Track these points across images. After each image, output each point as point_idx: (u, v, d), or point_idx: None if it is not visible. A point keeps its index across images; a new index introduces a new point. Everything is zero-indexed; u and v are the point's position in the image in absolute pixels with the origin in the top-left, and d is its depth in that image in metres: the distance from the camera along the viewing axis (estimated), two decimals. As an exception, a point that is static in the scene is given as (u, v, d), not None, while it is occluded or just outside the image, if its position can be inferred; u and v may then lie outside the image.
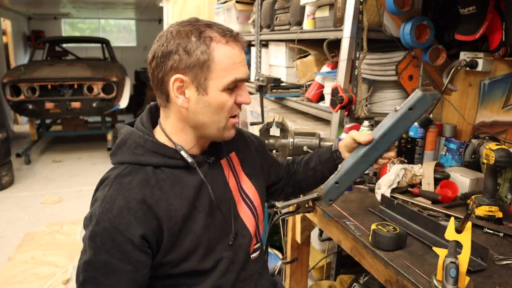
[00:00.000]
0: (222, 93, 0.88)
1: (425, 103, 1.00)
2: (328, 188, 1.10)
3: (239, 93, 0.91)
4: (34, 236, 3.28)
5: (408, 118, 1.01)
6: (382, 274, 1.13)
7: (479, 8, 1.50)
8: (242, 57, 0.89)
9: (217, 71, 0.86)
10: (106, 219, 0.83)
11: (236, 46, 0.87)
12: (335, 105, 1.78)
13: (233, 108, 0.92)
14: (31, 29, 9.40)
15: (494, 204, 1.27)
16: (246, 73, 0.90)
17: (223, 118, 0.92)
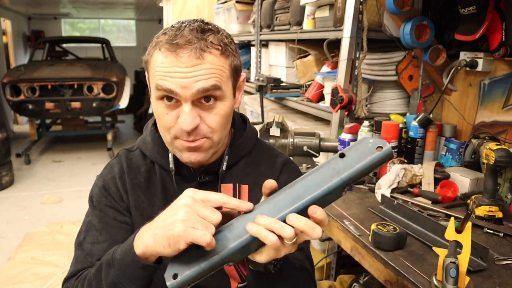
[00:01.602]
0: (157, 102, 0.79)
1: (364, 151, 0.62)
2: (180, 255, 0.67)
3: (180, 113, 0.76)
4: (34, 236, 3.28)
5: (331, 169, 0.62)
6: (382, 274, 1.13)
7: (479, 8, 1.50)
8: (177, 68, 0.74)
9: (150, 76, 0.80)
10: (101, 181, 0.93)
11: (170, 55, 0.74)
12: (335, 105, 1.78)
13: (175, 128, 0.78)
14: (31, 29, 9.40)
15: (494, 204, 1.27)
16: (173, 84, 0.74)
17: (166, 134, 0.81)
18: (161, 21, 8.03)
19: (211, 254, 0.64)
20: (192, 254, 0.65)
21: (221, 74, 0.77)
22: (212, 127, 0.79)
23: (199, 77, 0.74)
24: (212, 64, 0.75)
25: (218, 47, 0.77)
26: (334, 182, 0.61)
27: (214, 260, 0.64)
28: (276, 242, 0.61)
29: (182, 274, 0.64)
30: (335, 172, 0.62)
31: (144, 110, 6.80)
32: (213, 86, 0.75)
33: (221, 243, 0.64)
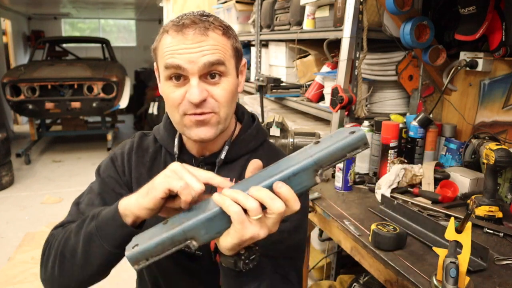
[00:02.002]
0: (165, 83, 0.83)
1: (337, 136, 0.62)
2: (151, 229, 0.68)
3: (188, 88, 0.80)
4: (34, 236, 3.28)
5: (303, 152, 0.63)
6: (382, 274, 1.13)
7: (479, 8, 1.50)
8: (183, 45, 0.78)
9: (159, 59, 0.84)
10: (111, 154, 1.00)
11: (177, 35, 0.79)
12: (335, 105, 1.78)
13: (184, 104, 0.81)
14: (31, 29, 9.40)
15: (494, 204, 1.27)
16: (181, 60, 0.78)
17: (175, 113, 0.84)
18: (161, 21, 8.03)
19: (174, 227, 0.62)
20: (157, 229, 0.65)
21: (224, 51, 0.82)
22: (219, 101, 0.82)
23: (205, 52, 0.79)
24: (215, 40, 0.80)
25: (220, 28, 0.82)
26: (304, 163, 0.60)
27: (175, 232, 0.61)
28: (239, 214, 0.59)
29: (142, 245, 0.62)
30: (307, 155, 0.61)
31: (144, 110, 6.80)
32: (217, 60, 0.80)
33: (187, 217, 0.63)
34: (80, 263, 0.77)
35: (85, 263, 0.77)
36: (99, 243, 0.74)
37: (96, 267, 0.77)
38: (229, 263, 0.68)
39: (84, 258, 0.76)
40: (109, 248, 0.74)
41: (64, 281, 0.80)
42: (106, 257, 0.75)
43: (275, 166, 0.64)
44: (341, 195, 1.54)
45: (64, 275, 0.80)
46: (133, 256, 0.62)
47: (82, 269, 0.77)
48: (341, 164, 1.55)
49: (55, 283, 0.82)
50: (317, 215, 1.47)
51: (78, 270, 0.78)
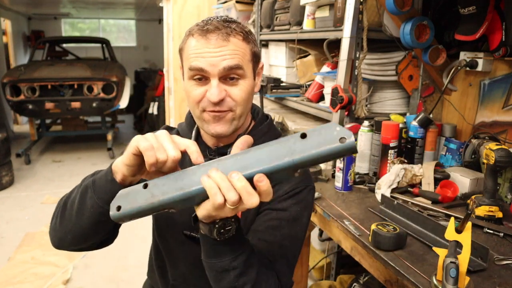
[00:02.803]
0: (188, 81, 0.91)
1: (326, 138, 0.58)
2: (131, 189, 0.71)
3: (208, 88, 0.89)
4: (34, 236, 3.28)
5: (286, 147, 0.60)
6: (382, 274, 1.13)
7: (479, 8, 1.50)
8: (206, 49, 0.86)
9: (184, 60, 0.92)
10: None
11: (201, 39, 0.87)
12: (335, 105, 1.78)
13: (204, 101, 0.90)
14: (31, 29, 9.40)
15: (494, 204, 1.27)
16: (204, 63, 0.86)
17: (195, 108, 0.92)
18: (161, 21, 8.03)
19: (154, 197, 0.67)
20: (139, 193, 0.69)
21: (242, 56, 0.89)
22: (236, 100, 0.90)
23: (225, 56, 0.86)
24: (236, 46, 0.88)
25: (241, 34, 0.89)
26: (285, 162, 0.60)
27: (155, 203, 0.67)
28: (221, 203, 0.63)
29: (124, 209, 0.69)
30: (290, 152, 0.60)
31: (144, 110, 6.80)
32: (236, 65, 0.87)
33: (165, 189, 0.67)
34: (75, 214, 0.84)
35: (79, 213, 0.83)
36: (91, 195, 0.81)
37: (87, 219, 0.83)
38: (205, 230, 0.73)
39: (78, 208, 0.84)
40: (98, 201, 0.80)
41: (62, 231, 0.88)
42: (96, 210, 0.81)
43: (257, 153, 0.63)
44: (341, 195, 1.54)
45: (63, 225, 0.87)
46: (116, 217, 0.70)
47: (76, 219, 0.84)
48: (341, 164, 1.55)
49: (56, 234, 0.90)
50: (317, 215, 1.47)
51: (73, 221, 0.85)
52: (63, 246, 0.91)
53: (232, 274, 0.78)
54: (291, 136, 0.61)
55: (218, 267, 0.78)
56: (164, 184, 0.68)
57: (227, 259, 0.77)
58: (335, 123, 0.59)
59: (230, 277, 0.78)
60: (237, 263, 0.77)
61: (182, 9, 4.18)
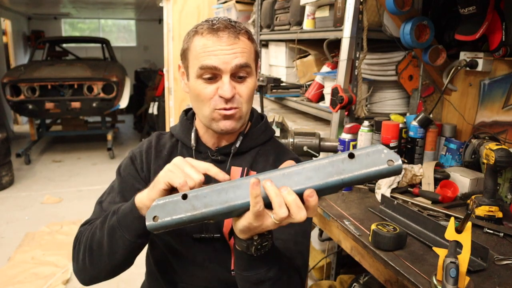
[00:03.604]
0: (197, 80, 0.91)
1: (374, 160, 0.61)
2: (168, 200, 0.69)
3: (220, 85, 0.90)
4: (34, 236, 3.28)
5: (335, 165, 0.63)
6: (382, 274, 1.13)
7: (479, 8, 1.50)
8: (219, 47, 0.88)
9: (192, 59, 0.92)
10: (131, 153, 1.06)
11: (212, 37, 0.88)
12: (335, 105, 1.78)
13: (215, 99, 0.91)
14: (31, 29, 9.40)
15: (494, 204, 1.27)
16: (216, 61, 0.87)
17: (205, 107, 0.92)
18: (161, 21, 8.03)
19: (195, 209, 0.67)
20: (178, 204, 0.68)
21: (249, 54, 0.92)
22: (243, 97, 0.92)
23: (237, 54, 0.89)
24: (244, 44, 0.91)
25: (246, 33, 0.92)
26: (334, 180, 0.62)
27: (196, 216, 0.67)
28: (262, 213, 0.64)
29: (162, 219, 0.68)
30: (339, 171, 0.62)
31: (144, 110, 6.80)
32: (245, 63, 0.90)
33: (207, 201, 0.67)
34: (107, 254, 0.86)
35: (111, 253, 0.85)
36: (121, 235, 0.83)
37: (120, 256, 0.86)
38: (242, 247, 0.73)
39: (109, 249, 0.85)
40: (130, 238, 0.83)
41: (94, 272, 0.90)
42: (128, 246, 0.84)
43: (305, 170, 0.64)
44: (341, 195, 1.54)
45: (94, 266, 0.89)
46: (153, 227, 0.68)
47: (109, 259, 0.86)
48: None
49: (86, 274, 0.91)
50: (317, 215, 1.47)
51: (106, 261, 0.87)
52: (96, 282, 0.93)
53: (267, 284, 0.79)
54: (339, 155, 0.64)
55: (254, 280, 0.78)
56: (206, 196, 0.67)
57: (262, 271, 0.77)
58: (381, 145, 0.63)
59: (265, 287, 0.79)
60: (272, 274, 0.78)
61: (182, 9, 4.18)
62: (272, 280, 0.79)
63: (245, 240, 0.72)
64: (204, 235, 0.97)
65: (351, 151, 0.63)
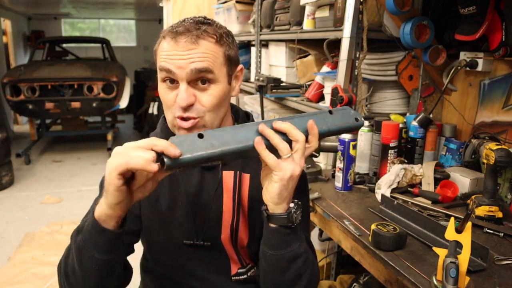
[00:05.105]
0: (161, 84, 0.90)
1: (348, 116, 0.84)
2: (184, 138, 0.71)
3: (178, 92, 0.86)
4: (34, 236, 3.28)
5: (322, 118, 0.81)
6: (382, 274, 1.13)
7: (479, 8, 1.50)
8: (175, 52, 0.84)
9: (157, 61, 0.90)
10: None
11: (171, 41, 0.85)
12: (335, 105, 1.78)
13: (175, 106, 0.87)
14: (31, 29, 9.39)
15: (494, 204, 1.27)
16: (171, 65, 0.84)
17: (168, 113, 0.90)
18: (161, 21, 8.03)
19: (214, 147, 0.70)
20: (196, 142, 0.70)
21: (213, 59, 0.86)
22: (206, 106, 0.87)
23: (193, 59, 0.84)
24: (206, 49, 0.85)
25: (213, 36, 0.87)
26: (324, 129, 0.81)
27: (215, 153, 0.70)
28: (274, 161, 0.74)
29: (182, 156, 0.68)
30: (325, 123, 0.81)
31: (144, 110, 6.80)
32: (205, 68, 0.85)
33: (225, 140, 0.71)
34: (81, 278, 0.79)
35: (85, 277, 0.79)
36: (89, 255, 0.77)
37: (95, 279, 0.79)
38: (283, 221, 0.79)
39: (82, 272, 0.79)
40: (99, 256, 0.77)
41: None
42: (100, 265, 0.78)
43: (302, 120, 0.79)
44: (341, 195, 1.54)
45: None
46: (172, 164, 0.68)
47: (85, 282, 0.80)
48: (341, 164, 1.55)
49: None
50: (317, 215, 1.47)
51: (82, 285, 0.80)
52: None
53: (300, 261, 0.84)
54: (321, 112, 0.82)
55: (289, 257, 0.82)
56: (222, 136, 0.72)
57: (296, 246, 0.82)
58: (349, 107, 0.85)
59: (297, 264, 0.83)
60: (303, 249, 0.84)
61: (182, 9, 4.18)
62: (304, 255, 0.84)
63: (285, 212, 0.79)
64: (194, 242, 0.97)
65: (330, 109, 0.83)
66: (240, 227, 0.99)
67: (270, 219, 0.81)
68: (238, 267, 1.02)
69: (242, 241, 1.00)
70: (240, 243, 1.00)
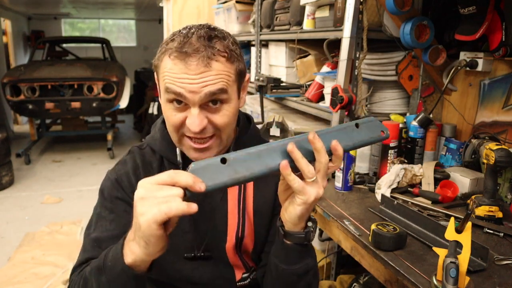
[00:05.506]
0: (166, 104, 0.83)
1: (374, 128, 0.79)
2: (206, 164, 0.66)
3: (189, 115, 0.81)
4: (34, 236, 3.28)
5: (347, 133, 0.76)
6: (382, 274, 1.13)
7: (479, 8, 1.50)
8: (185, 75, 0.77)
9: (160, 79, 0.83)
10: (114, 175, 0.96)
11: (180, 63, 0.78)
12: (335, 105, 1.78)
13: (183, 127, 0.82)
14: (31, 29, 9.39)
15: (494, 204, 1.27)
16: (182, 89, 0.78)
17: (174, 133, 0.85)
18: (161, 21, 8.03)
19: (238, 173, 0.66)
20: (219, 168, 0.65)
21: (227, 79, 0.81)
22: (220, 127, 0.84)
23: (206, 82, 0.78)
24: (218, 70, 0.79)
25: (224, 54, 0.80)
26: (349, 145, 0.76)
27: (239, 180, 0.67)
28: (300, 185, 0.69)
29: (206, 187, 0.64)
30: (351, 138, 0.76)
31: (144, 110, 6.80)
32: (219, 90, 0.80)
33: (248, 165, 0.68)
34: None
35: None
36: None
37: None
38: (301, 239, 0.77)
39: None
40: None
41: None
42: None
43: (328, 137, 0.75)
44: (341, 195, 1.54)
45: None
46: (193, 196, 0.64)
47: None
48: (341, 164, 1.55)
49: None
50: (317, 215, 1.47)
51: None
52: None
53: (311, 273, 0.83)
54: (347, 125, 0.78)
55: (302, 271, 0.80)
56: (245, 160, 0.68)
57: (309, 260, 0.81)
58: (375, 118, 0.80)
59: (308, 277, 0.82)
60: (313, 263, 0.83)
61: (182, 9, 4.18)
62: (314, 269, 0.83)
63: (303, 231, 0.76)
64: (195, 254, 0.95)
65: (356, 122, 0.77)
66: (245, 234, 0.97)
67: (286, 237, 0.77)
68: (243, 272, 1.01)
69: (247, 247, 0.99)
70: (245, 249, 0.99)
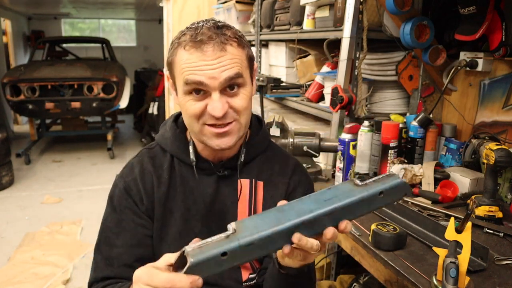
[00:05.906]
0: (184, 96, 0.85)
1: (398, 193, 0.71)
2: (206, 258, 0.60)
3: (209, 102, 0.83)
4: (34, 236, 3.28)
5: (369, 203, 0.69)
6: (382, 274, 1.13)
7: (479, 8, 1.50)
8: (203, 62, 0.80)
9: (177, 74, 0.86)
10: (122, 183, 0.96)
11: (195, 52, 0.81)
12: (335, 105, 1.78)
13: (204, 115, 0.85)
14: (31, 29, 9.39)
15: (494, 204, 1.27)
16: (202, 77, 0.80)
17: (194, 123, 0.87)
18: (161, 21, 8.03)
19: (235, 262, 0.63)
20: (218, 262, 0.61)
21: (241, 63, 0.85)
22: (239, 110, 0.86)
23: (225, 67, 0.81)
24: (233, 54, 0.83)
25: (235, 40, 0.84)
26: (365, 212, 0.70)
27: (235, 266, 0.66)
28: None
29: (203, 276, 0.62)
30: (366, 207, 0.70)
31: (144, 110, 6.80)
32: (236, 74, 0.83)
33: (248, 256, 0.64)
34: None
35: None
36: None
37: None
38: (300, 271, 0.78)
39: None
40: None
41: None
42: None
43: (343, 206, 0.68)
44: (341, 195, 1.53)
45: None
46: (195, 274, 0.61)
47: None
48: (341, 164, 1.55)
49: None
50: (317, 215, 1.47)
51: None
52: None
53: None
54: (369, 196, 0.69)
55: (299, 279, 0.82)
56: (247, 250, 0.63)
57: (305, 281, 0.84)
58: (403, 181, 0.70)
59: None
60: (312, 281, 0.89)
61: (182, 9, 4.18)
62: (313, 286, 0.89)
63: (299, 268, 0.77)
64: None
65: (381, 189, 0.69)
66: None
67: (282, 268, 0.78)
68: (250, 273, 1.00)
69: None
70: None
